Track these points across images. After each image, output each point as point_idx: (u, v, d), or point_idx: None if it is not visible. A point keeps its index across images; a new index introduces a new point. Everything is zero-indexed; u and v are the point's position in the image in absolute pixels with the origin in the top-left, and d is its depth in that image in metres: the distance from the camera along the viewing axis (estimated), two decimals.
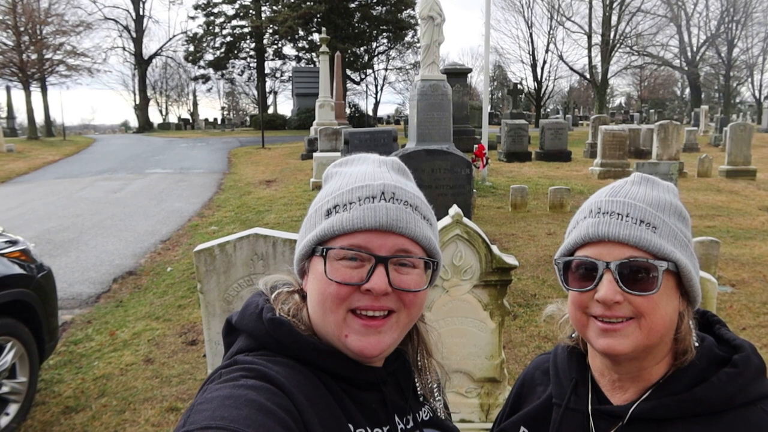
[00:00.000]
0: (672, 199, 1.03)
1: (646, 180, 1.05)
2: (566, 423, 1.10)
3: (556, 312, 1.21)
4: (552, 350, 1.26)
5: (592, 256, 1.00)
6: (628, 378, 1.06)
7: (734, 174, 14.99)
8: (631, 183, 1.05)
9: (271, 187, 14.62)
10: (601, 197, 1.05)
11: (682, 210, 1.04)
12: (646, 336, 0.97)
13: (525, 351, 4.92)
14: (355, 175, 0.96)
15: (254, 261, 3.08)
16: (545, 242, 8.39)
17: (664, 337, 1.01)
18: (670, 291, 0.99)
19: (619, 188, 1.04)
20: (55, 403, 4.17)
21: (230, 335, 1.01)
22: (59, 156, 24.90)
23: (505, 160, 18.32)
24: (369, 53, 49.06)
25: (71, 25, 36.15)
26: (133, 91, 54.64)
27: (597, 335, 1.00)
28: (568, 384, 1.14)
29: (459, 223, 3.10)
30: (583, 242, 1.02)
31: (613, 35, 40.93)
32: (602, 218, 1.00)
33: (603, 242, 0.99)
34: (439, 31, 10.00)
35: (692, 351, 1.02)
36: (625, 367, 1.04)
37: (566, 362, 1.17)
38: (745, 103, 60.22)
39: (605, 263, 0.98)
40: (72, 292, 6.96)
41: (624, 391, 1.07)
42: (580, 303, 1.03)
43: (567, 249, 1.07)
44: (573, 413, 1.10)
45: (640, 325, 0.97)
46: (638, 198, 1.01)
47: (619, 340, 0.98)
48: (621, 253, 0.97)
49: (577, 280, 1.03)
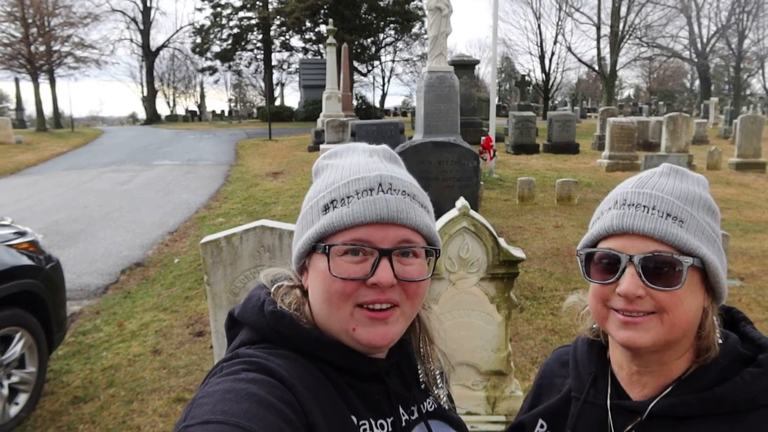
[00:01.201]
0: (702, 192, 1.00)
1: (676, 171, 1.01)
2: (584, 417, 1.09)
3: (577, 303, 1.18)
4: (573, 342, 1.24)
5: (615, 248, 0.98)
6: (648, 372, 1.04)
7: (744, 167, 14.87)
8: (660, 174, 1.01)
9: (278, 179, 14.63)
10: (627, 188, 1.01)
11: (711, 204, 1.00)
12: (667, 331, 0.95)
13: (532, 344, 4.91)
14: (349, 167, 0.94)
15: (261, 253, 3.08)
16: (552, 235, 8.36)
17: (686, 332, 0.98)
18: (694, 287, 0.97)
19: (646, 179, 1.01)
20: (63, 393, 4.20)
21: (233, 328, 1.01)
22: (67, 148, 25.03)
23: (513, 152, 18.25)
24: (376, 45, 48.91)
25: (79, 16, 36.23)
26: (140, 83, 54.77)
27: (617, 327, 0.98)
28: (588, 377, 1.12)
29: (466, 215, 3.09)
30: (607, 234, 1.00)
31: (623, 26, 40.55)
32: (627, 210, 0.97)
33: (627, 235, 0.97)
34: (447, 23, 9.95)
35: (715, 348, 0.99)
36: (644, 360, 1.02)
37: (586, 355, 1.15)
38: (755, 95, 59.60)
39: (628, 256, 0.95)
40: (80, 283, 7.01)
41: (643, 386, 1.05)
42: (602, 295, 1.00)
43: (590, 240, 1.04)
44: (591, 407, 1.09)
45: (662, 320, 0.95)
46: (666, 190, 0.97)
47: (639, 333, 0.96)
48: (645, 246, 0.95)
49: (599, 272, 1.01)
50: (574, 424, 1.09)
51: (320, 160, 1.03)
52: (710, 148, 15.91)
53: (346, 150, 1.01)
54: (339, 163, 0.98)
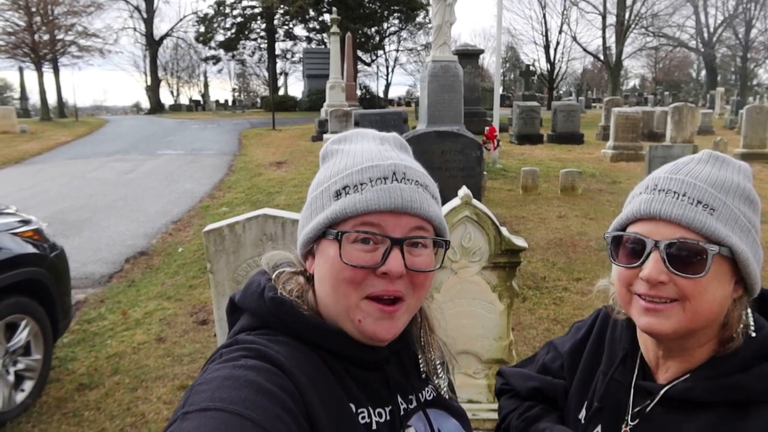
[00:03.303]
0: (741, 180, 0.98)
1: (715, 158, 1.00)
2: (609, 393, 1.11)
3: (609, 286, 1.19)
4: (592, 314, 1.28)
5: (642, 233, 0.97)
6: (671, 356, 1.04)
7: (750, 157, 14.77)
8: (698, 161, 1.00)
9: (281, 168, 14.64)
10: (661, 173, 1.01)
11: (750, 193, 0.98)
12: (689, 320, 0.95)
13: (534, 333, 4.93)
14: (361, 154, 0.93)
15: (263, 241, 3.09)
16: (556, 225, 8.36)
17: (710, 322, 0.97)
18: (721, 276, 0.95)
19: (682, 165, 1.00)
20: (69, 380, 4.24)
21: (233, 314, 1.01)
22: (72, 137, 25.05)
23: (517, 142, 18.19)
24: (380, 34, 48.69)
25: (82, 5, 36.16)
26: (144, 73, 54.59)
27: (639, 313, 0.98)
28: (619, 354, 1.14)
29: (468, 204, 3.09)
30: (635, 218, 1.00)
31: (628, 16, 40.21)
32: (656, 195, 0.97)
33: (654, 220, 0.96)
34: (451, 11, 9.90)
35: (738, 339, 0.98)
36: (667, 345, 1.03)
37: (623, 332, 1.16)
38: (762, 85, 59.11)
39: (654, 242, 0.95)
40: (85, 271, 7.04)
41: (666, 370, 1.06)
42: (626, 279, 1.01)
43: (619, 224, 1.04)
44: (617, 384, 1.11)
45: (684, 308, 0.94)
46: (700, 177, 0.96)
47: (660, 320, 0.96)
48: (672, 232, 0.94)
49: (625, 256, 1.01)
50: (600, 397, 1.12)
51: (329, 144, 1.01)
52: (715, 138, 15.86)
53: (355, 135, 1.00)
54: (350, 148, 0.97)
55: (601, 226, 8.35)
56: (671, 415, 1.01)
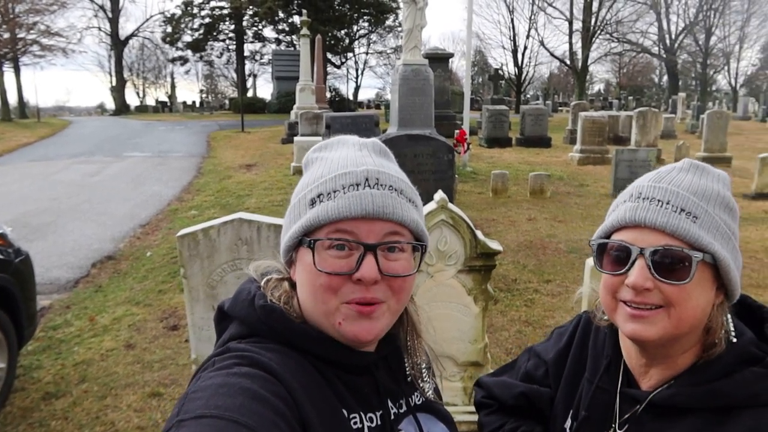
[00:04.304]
0: (720, 188, 1.00)
1: (696, 167, 1.02)
2: (595, 401, 1.12)
3: (592, 294, 1.21)
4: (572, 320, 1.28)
5: (627, 240, 0.99)
6: (654, 364, 1.06)
7: (710, 161, 15.19)
8: (679, 169, 1.02)
9: (251, 171, 14.50)
10: (644, 182, 1.03)
11: (730, 201, 1.01)
12: (674, 326, 0.96)
13: (506, 335, 4.98)
14: (337, 161, 0.94)
15: (238, 246, 3.06)
16: (526, 227, 8.47)
17: (693, 328, 0.99)
18: (704, 283, 0.97)
19: (664, 174, 1.02)
20: (34, 390, 4.12)
21: (222, 322, 1.00)
22: (34, 138, 24.40)
23: (486, 145, 18.38)
24: (350, 37, 48.69)
25: (45, 3, 35.19)
26: (109, 73, 53.51)
27: (625, 320, 1.00)
28: (603, 362, 1.15)
29: (444, 208, 3.11)
30: (620, 226, 1.02)
31: (594, 22, 41.04)
32: (641, 203, 0.99)
33: (639, 227, 0.98)
34: (422, 15, 9.94)
35: (721, 345, 1.00)
36: (651, 353, 1.05)
37: (605, 340, 1.17)
38: (721, 91, 61.02)
39: (639, 249, 0.97)
40: (50, 276, 6.87)
41: (650, 377, 1.07)
42: (612, 286, 1.02)
43: (604, 231, 1.06)
44: (602, 392, 1.12)
45: (669, 314, 0.96)
46: (683, 186, 0.98)
47: (646, 326, 0.97)
48: (656, 240, 0.96)
49: (610, 263, 1.02)
50: (586, 406, 1.13)
51: (310, 152, 1.02)
52: (678, 142, 16.24)
53: (336, 143, 1.01)
54: (328, 156, 0.97)
55: (569, 228, 8.50)
56: (656, 422, 1.03)
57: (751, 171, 12.36)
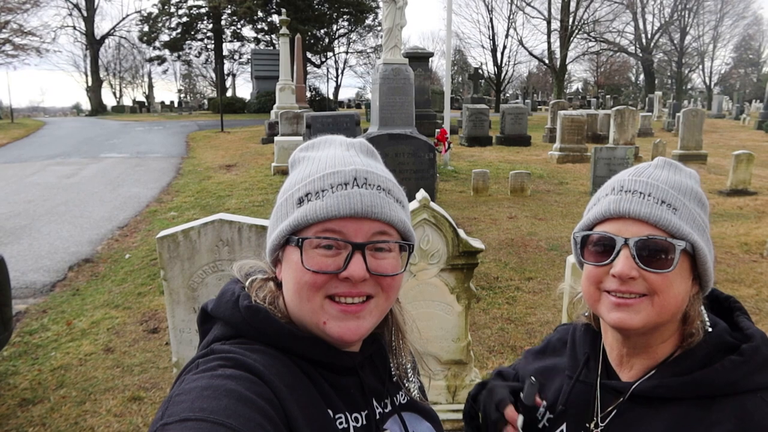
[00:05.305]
0: (693, 184, 1.05)
1: (669, 164, 1.07)
2: (575, 394, 1.15)
3: (570, 291, 1.24)
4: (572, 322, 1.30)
5: (611, 231, 1.02)
6: (635, 354, 1.09)
7: (686, 158, 15.44)
8: (654, 166, 1.07)
9: (231, 171, 14.39)
10: (624, 176, 1.07)
11: (702, 196, 1.06)
12: (657, 313, 1.00)
13: (488, 333, 5.00)
14: (325, 160, 0.94)
15: (219, 247, 3.02)
16: (507, 226, 8.52)
17: (674, 316, 1.03)
18: (684, 272, 1.01)
19: (642, 169, 1.06)
20: (11, 396, 4.04)
21: (206, 323, 0.99)
22: (7, 139, 23.93)
23: (467, 144, 18.46)
24: (329, 36, 48.61)
25: (17, 2, 34.60)
26: (84, 73, 52.61)
27: (609, 309, 1.03)
28: (582, 358, 1.18)
29: (426, 207, 3.11)
30: (604, 218, 1.05)
31: (572, 21, 41.53)
32: (624, 196, 1.02)
33: (623, 219, 1.02)
34: (402, 15, 9.94)
35: (699, 334, 1.04)
36: (632, 342, 1.08)
37: (582, 337, 1.21)
38: (696, 89, 62.16)
39: (624, 239, 1.00)
40: (26, 280, 6.74)
41: (630, 368, 1.10)
42: (595, 277, 1.05)
43: (586, 224, 1.09)
44: (583, 386, 1.15)
45: (653, 302, 0.99)
46: (660, 180, 1.03)
47: (630, 314, 1.00)
48: (640, 230, 1.00)
49: (594, 255, 1.05)
50: (566, 400, 1.15)
51: (297, 152, 1.02)
52: (655, 140, 16.47)
53: (323, 142, 1.01)
54: (315, 155, 0.97)
55: (550, 226, 8.57)
56: (639, 412, 1.05)
57: (726, 168, 12.59)
